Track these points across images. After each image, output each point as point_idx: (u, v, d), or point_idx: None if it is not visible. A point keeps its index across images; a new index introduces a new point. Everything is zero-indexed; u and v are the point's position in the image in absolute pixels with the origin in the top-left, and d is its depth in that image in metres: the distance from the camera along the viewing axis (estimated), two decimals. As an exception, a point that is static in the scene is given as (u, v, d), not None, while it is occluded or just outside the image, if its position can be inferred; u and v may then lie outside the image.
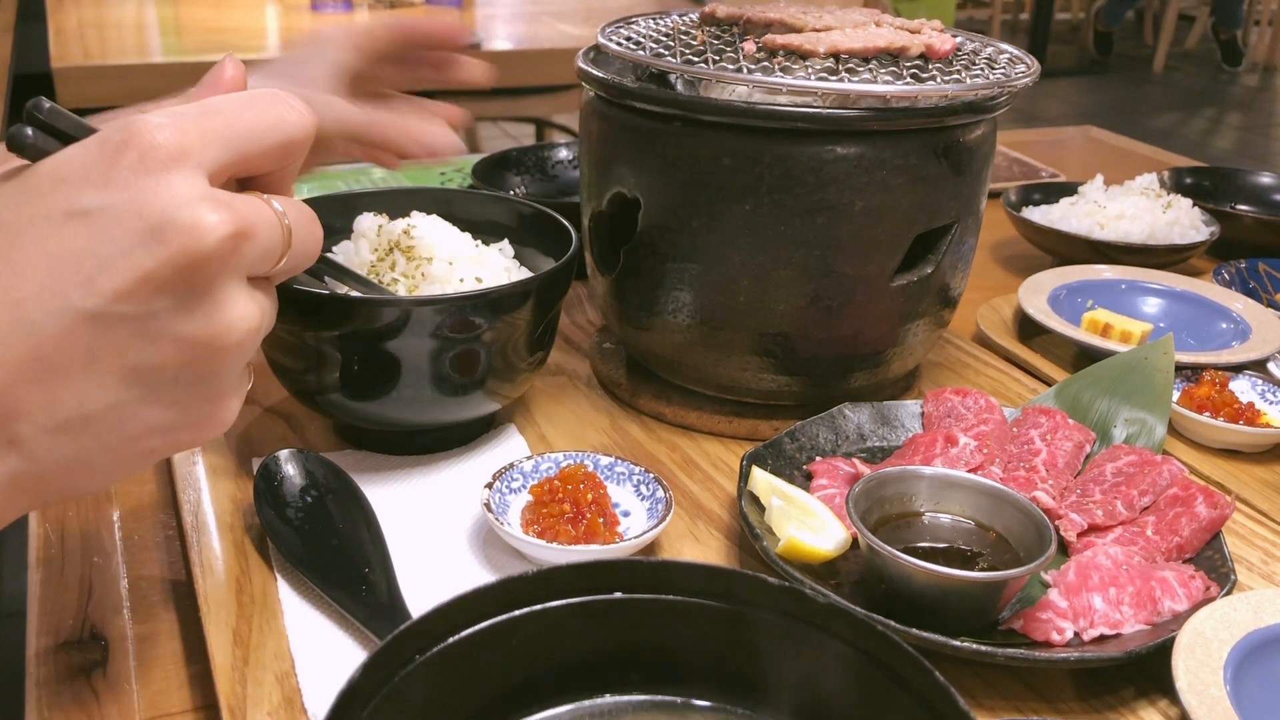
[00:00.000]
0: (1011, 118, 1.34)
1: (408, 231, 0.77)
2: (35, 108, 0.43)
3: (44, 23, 2.34)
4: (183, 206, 0.42)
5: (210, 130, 0.45)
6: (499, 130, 4.66)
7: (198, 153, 0.44)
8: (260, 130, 0.47)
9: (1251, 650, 0.59)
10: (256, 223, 0.45)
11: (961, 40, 0.86)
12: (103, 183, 0.42)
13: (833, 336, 0.80)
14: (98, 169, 0.42)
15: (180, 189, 0.42)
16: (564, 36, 2.52)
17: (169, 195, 0.42)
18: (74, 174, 0.42)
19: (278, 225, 0.47)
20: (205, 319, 0.44)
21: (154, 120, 0.43)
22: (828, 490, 0.73)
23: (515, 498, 0.71)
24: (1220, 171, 1.41)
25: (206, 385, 0.46)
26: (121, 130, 0.43)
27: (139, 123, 0.43)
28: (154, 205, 0.42)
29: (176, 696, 0.62)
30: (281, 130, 0.47)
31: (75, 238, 0.41)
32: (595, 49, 0.86)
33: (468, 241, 0.79)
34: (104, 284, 0.41)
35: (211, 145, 0.44)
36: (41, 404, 0.43)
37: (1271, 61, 6.84)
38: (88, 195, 0.42)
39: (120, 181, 0.42)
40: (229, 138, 0.45)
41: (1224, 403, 0.86)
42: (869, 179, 0.75)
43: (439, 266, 0.76)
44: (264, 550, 0.69)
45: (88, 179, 0.42)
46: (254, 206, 0.45)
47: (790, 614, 0.49)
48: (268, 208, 0.46)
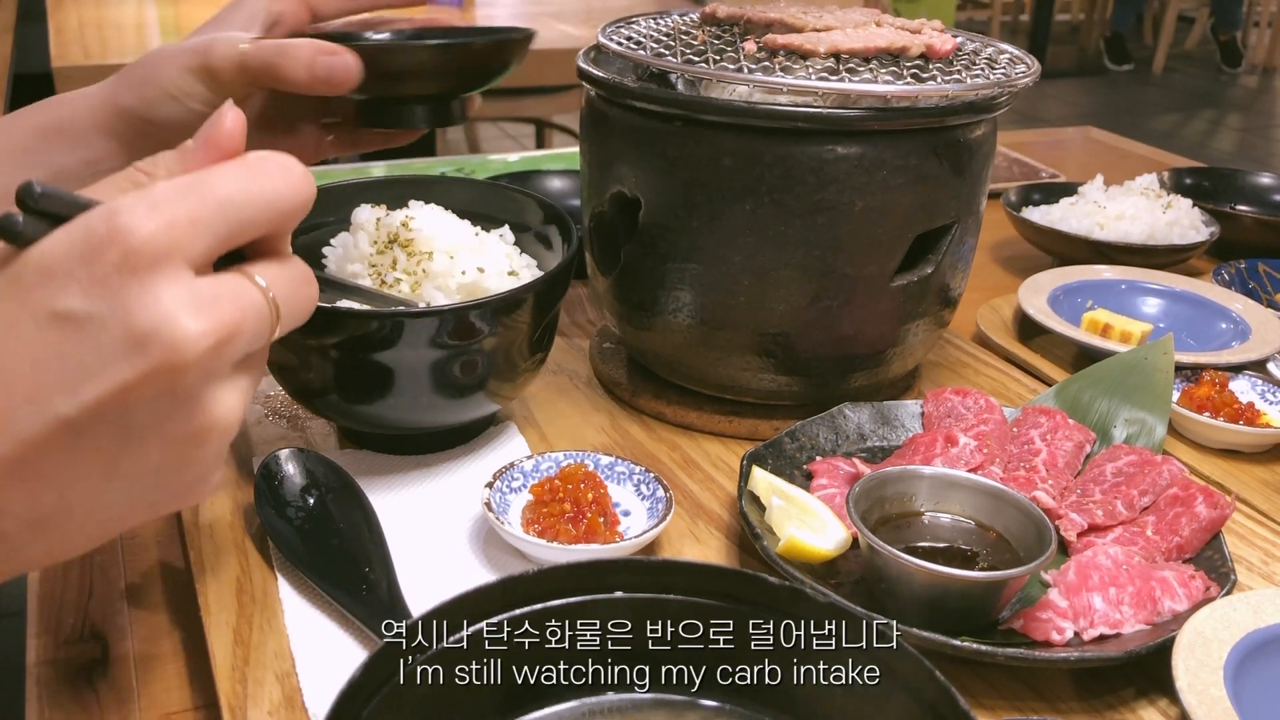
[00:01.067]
0: (1011, 118, 1.34)
1: (406, 224, 0.77)
2: (27, 194, 0.42)
3: (44, 23, 2.34)
4: (165, 319, 0.41)
5: (199, 220, 0.43)
6: (499, 130, 4.66)
7: (185, 247, 0.42)
8: (253, 210, 0.45)
9: (1251, 650, 0.59)
10: (241, 320, 0.44)
11: (962, 40, 0.86)
12: (87, 283, 0.41)
13: (833, 336, 0.80)
14: (83, 267, 0.41)
15: (163, 296, 0.41)
16: (564, 36, 2.52)
17: (152, 304, 0.41)
18: (59, 269, 0.41)
19: (265, 311, 0.46)
20: (187, 419, 0.44)
21: (140, 214, 0.42)
22: (828, 490, 0.73)
23: (516, 497, 0.71)
24: (1220, 172, 1.41)
25: (190, 469, 0.46)
26: (107, 222, 0.41)
27: (125, 216, 0.41)
28: (137, 315, 0.41)
29: (176, 696, 0.62)
30: (277, 206, 0.46)
31: (60, 342, 0.41)
32: (596, 49, 0.86)
33: (468, 230, 0.79)
34: (87, 393, 0.41)
35: (200, 237, 0.43)
36: (22, 501, 0.43)
37: (1271, 63, 6.84)
38: (72, 296, 0.41)
39: (105, 284, 0.41)
40: (218, 225, 0.44)
41: (1224, 403, 0.86)
42: (869, 179, 0.75)
43: (440, 260, 0.75)
44: (264, 550, 0.69)
45: (72, 277, 0.41)
46: (239, 299, 0.44)
47: (790, 614, 0.49)
48: (254, 292, 0.45)
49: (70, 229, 0.42)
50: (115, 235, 0.41)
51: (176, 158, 0.46)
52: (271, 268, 0.47)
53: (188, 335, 0.42)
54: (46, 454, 0.42)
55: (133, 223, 0.41)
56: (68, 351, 0.41)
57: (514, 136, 4.61)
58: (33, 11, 2.54)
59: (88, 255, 0.41)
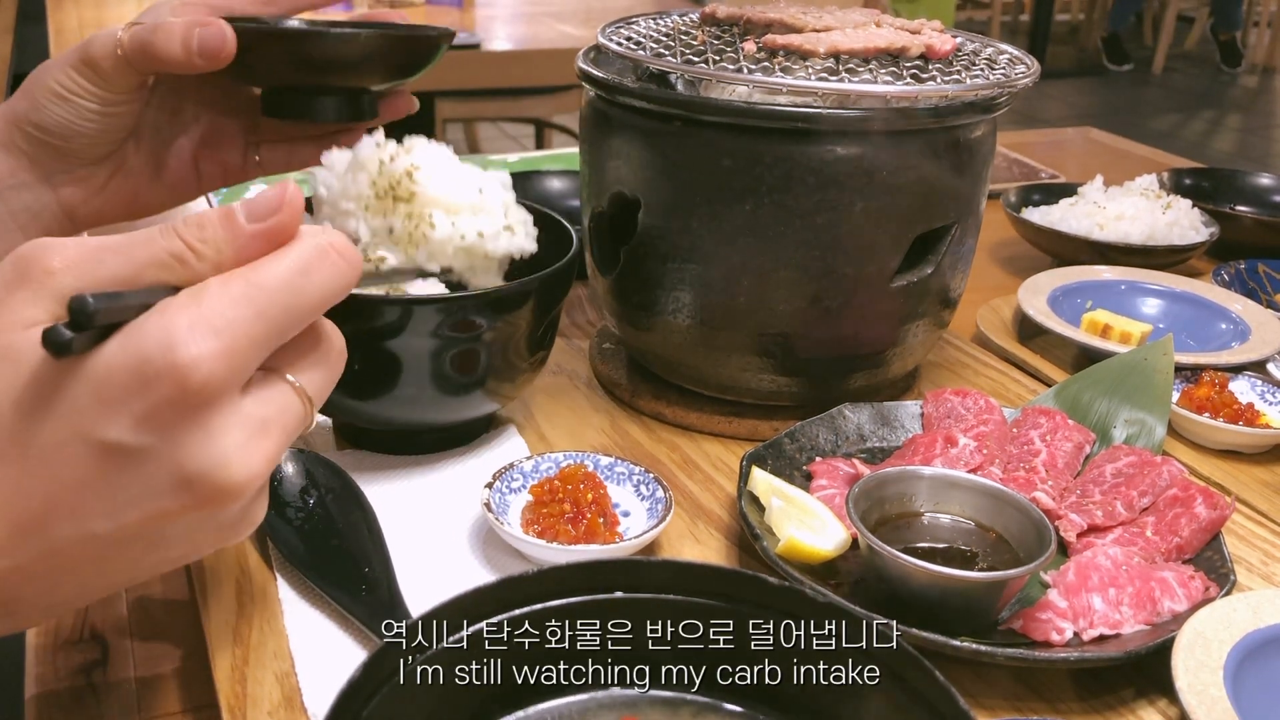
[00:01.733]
0: (1011, 118, 1.34)
1: (410, 174, 0.71)
2: (81, 311, 0.39)
3: (44, 23, 2.34)
4: (217, 466, 0.41)
5: (256, 342, 0.42)
6: (498, 130, 4.66)
7: (241, 375, 0.42)
8: (308, 312, 0.44)
9: (1251, 650, 0.59)
10: (286, 441, 0.44)
11: (961, 41, 0.86)
12: (141, 416, 0.40)
13: (833, 337, 0.80)
14: (137, 399, 0.40)
15: (216, 439, 0.41)
16: (564, 36, 2.53)
17: (205, 447, 0.41)
18: (113, 396, 0.40)
19: (304, 416, 0.45)
20: (219, 531, 0.45)
21: (197, 345, 0.40)
22: (828, 490, 0.73)
23: (515, 498, 0.71)
24: (1219, 173, 1.41)
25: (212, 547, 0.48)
26: (164, 355, 0.40)
27: (182, 350, 0.40)
28: (190, 458, 0.41)
29: (176, 696, 0.62)
30: (329, 300, 0.44)
31: (107, 471, 0.41)
32: (595, 49, 0.86)
33: (471, 184, 0.74)
34: (126, 518, 0.42)
35: (256, 358, 0.42)
36: (43, 593, 0.44)
37: (1271, 63, 6.84)
38: (124, 429, 0.40)
39: (158, 420, 0.40)
40: (273, 339, 0.43)
41: (1223, 403, 0.86)
42: (869, 179, 0.75)
43: (440, 222, 0.71)
44: (264, 550, 0.69)
45: (126, 407, 0.40)
46: (284, 416, 0.44)
47: (790, 614, 0.49)
48: (296, 403, 0.44)
49: (126, 350, 0.40)
50: (174, 372, 0.40)
51: (226, 235, 0.43)
52: (307, 361, 0.46)
53: (236, 480, 0.42)
54: (77, 560, 0.43)
55: (190, 358, 0.40)
56: (114, 480, 0.41)
57: (514, 136, 4.61)
58: (33, 12, 2.54)
59: (143, 387, 0.40)
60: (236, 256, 0.43)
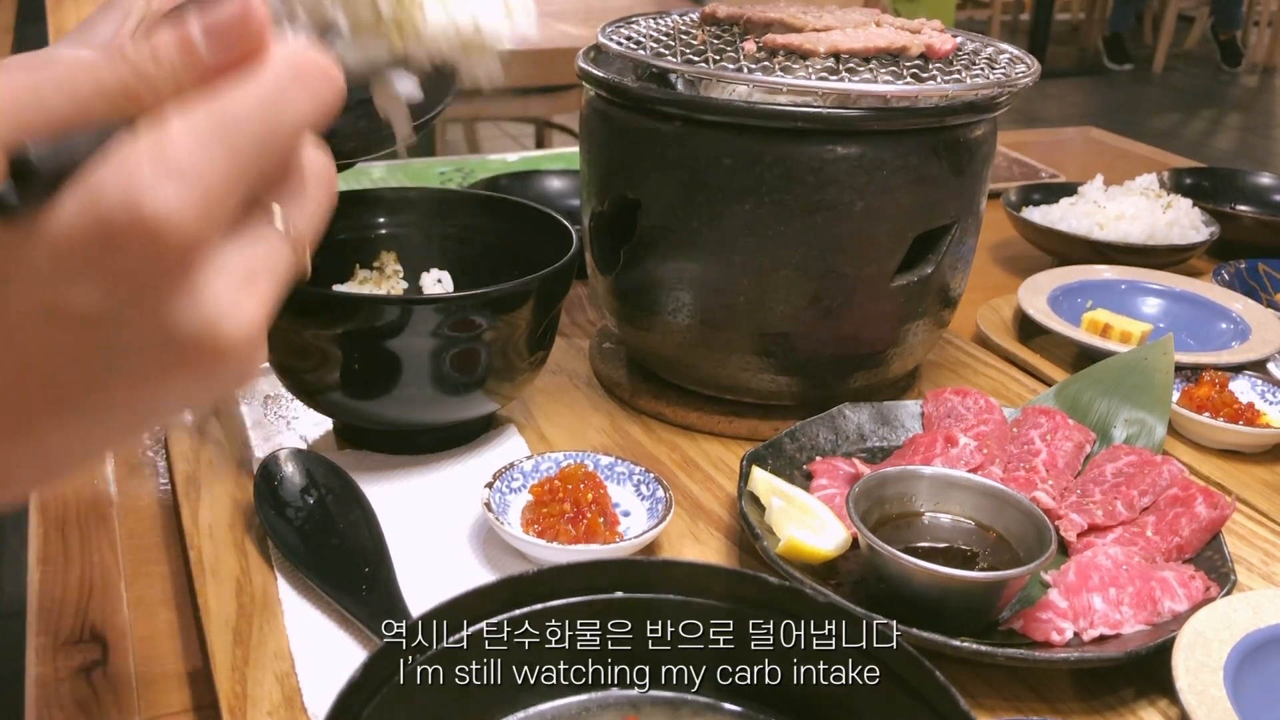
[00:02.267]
0: (1011, 118, 1.33)
1: None
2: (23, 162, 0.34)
3: (44, 23, 2.34)
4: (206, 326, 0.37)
5: (232, 184, 0.36)
6: (499, 130, 4.66)
7: (218, 224, 0.36)
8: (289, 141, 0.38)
9: (1251, 650, 0.59)
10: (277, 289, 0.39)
11: (961, 40, 0.86)
12: (111, 281, 0.35)
13: (833, 337, 0.80)
14: (103, 262, 0.35)
15: (200, 297, 0.36)
16: (564, 36, 2.52)
17: (189, 309, 0.36)
18: (75, 261, 0.35)
19: (292, 261, 0.40)
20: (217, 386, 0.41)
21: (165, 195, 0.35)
22: (828, 490, 0.73)
23: (515, 497, 0.71)
24: (1220, 172, 1.41)
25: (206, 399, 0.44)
26: (127, 210, 0.34)
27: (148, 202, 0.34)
28: (175, 323, 0.36)
29: (176, 696, 0.62)
30: (311, 125, 0.39)
31: (84, 343, 0.37)
32: (596, 49, 0.86)
33: None
34: (112, 388, 0.38)
35: (232, 203, 0.37)
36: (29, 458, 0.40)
37: (1271, 62, 6.84)
38: (93, 296, 0.36)
39: (131, 284, 0.36)
40: (251, 178, 0.37)
41: (1224, 403, 0.86)
42: (869, 179, 0.75)
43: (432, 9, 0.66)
44: (264, 550, 0.69)
45: (93, 271, 0.35)
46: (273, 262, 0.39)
47: (790, 614, 0.49)
48: (283, 247, 0.40)
49: (84, 207, 0.35)
50: (140, 228, 0.34)
51: (183, 59, 0.37)
52: (291, 195, 0.40)
53: (231, 338, 0.37)
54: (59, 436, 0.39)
55: (158, 211, 0.34)
56: (91, 352, 0.37)
57: (514, 136, 4.61)
58: (33, 11, 2.54)
59: (108, 249, 0.35)
60: (197, 81, 0.37)
